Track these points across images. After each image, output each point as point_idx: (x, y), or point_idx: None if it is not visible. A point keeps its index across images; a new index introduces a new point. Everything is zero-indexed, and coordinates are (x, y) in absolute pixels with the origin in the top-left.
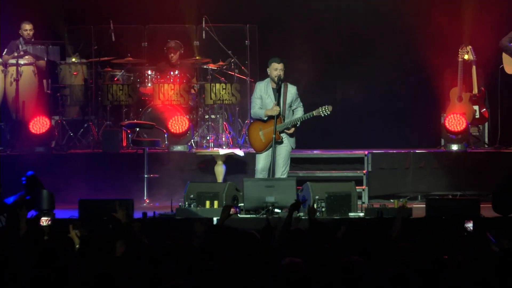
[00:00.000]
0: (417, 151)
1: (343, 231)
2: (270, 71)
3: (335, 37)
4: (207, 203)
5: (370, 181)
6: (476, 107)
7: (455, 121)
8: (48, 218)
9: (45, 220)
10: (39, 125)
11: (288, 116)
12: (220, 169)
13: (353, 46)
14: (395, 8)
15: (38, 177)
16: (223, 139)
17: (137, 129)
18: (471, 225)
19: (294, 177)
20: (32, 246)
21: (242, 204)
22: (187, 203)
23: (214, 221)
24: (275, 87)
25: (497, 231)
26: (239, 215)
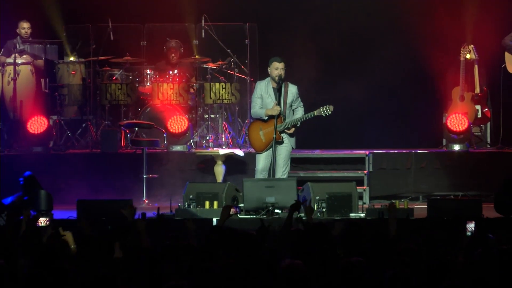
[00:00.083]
0: (418, 151)
1: (339, 228)
2: (270, 70)
3: (335, 36)
4: (207, 203)
5: (371, 182)
6: (478, 107)
7: (457, 121)
8: (47, 219)
9: (43, 220)
10: (37, 124)
11: (288, 115)
12: (219, 169)
13: (354, 45)
14: (396, 7)
15: (36, 177)
16: (223, 139)
17: (136, 129)
18: (473, 225)
19: (295, 178)
20: (31, 247)
21: (242, 205)
22: (186, 203)
23: (214, 222)
24: (275, 87)
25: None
26: (239, 216)
